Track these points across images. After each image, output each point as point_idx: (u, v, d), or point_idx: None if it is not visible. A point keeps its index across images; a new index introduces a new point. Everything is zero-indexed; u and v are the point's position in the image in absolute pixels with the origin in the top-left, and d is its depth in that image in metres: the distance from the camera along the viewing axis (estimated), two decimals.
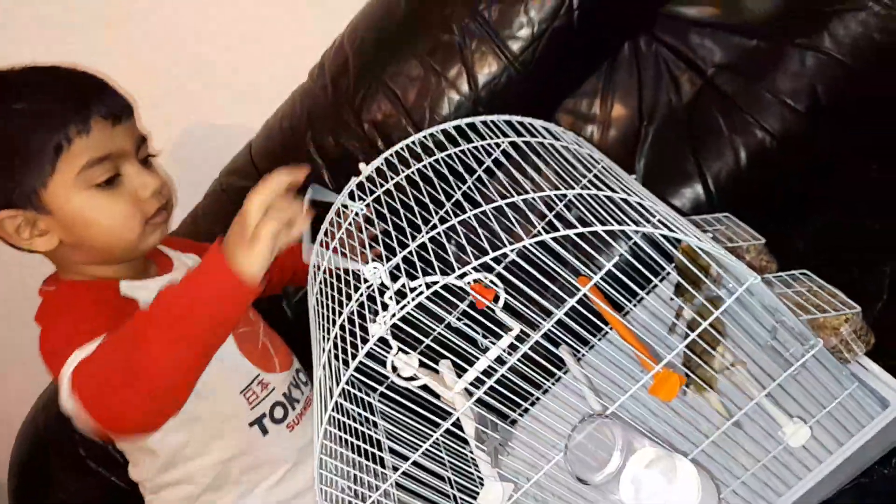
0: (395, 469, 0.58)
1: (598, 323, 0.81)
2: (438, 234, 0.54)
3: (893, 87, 0.87)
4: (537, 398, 0.84)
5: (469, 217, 0.54)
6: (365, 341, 0.50)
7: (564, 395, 0.76)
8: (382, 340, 0.53)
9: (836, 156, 0.90)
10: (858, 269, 0.81)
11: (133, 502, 0.86)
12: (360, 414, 0.63)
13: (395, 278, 0.59)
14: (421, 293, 0.50)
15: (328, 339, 0.54)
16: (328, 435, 0.55)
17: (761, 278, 0.52)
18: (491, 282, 0.71)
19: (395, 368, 0.63)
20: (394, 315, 0.49)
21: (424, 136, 0.74)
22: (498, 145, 0.71)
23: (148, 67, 1.12)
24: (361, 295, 0.55)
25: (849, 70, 0.87)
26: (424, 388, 0.65)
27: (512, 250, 0.49)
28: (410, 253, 0.54)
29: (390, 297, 0.52)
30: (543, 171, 0.67)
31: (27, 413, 1.11)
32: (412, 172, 0.69)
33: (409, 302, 0.50)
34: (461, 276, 0.49)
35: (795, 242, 0.90)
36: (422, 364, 0.63)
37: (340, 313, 0.55)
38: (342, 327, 0.55)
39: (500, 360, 0.66)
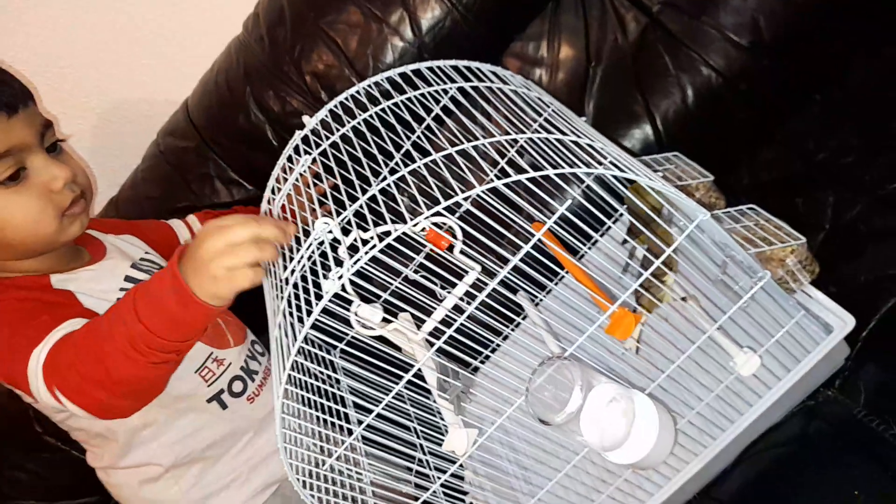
0: (360, 423, 0.58)
1: (555, 267, 0.81)
2: (389, 185, 0.53)
3: (833, 18, 0.88)
4: (498, 345, 0.84)
5: (420, 167, 0.53)
6: (319, 298, 0.49)
7: (524, 340, 0.76)
8: (340, 297, 0.52)
9: (779, 89, 0.91)
10: (803, 200, 0.83)
11: (94, 476, 0.84)
12: (321, 372, 0.63)
13: (347, 233, 0.58)
14: (374, 246, 0.49)
15: (282, 298, 0.53)
16: (289, 394, 0.54)
17: (711, 215, 0.53)
18: (447, 228, 0.70)
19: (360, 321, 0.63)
20: (348, 269, 0.48)
21: (369, 85, 0.71)
22: (446, 91, 0.69)
23: (71, 29, 1.05)
24: (312, 252, 0.54)
25: (789, 1, 0.87)
26: (385, 341, 0.65)
27: (465, 198, 0.48)
28: (361, 206, 0.53)
29: (344, 253, 0.51)
30: (493, 116, 0.66)
31: None
32: (359, 123, 0.67)
33: (361, 256, 0.48)
34: (414, 226, 0.48)
35: (743, 177, 0.91)
36: (382, 318, 0.63)
37: (293, 271, 0.53)
38: (296, 286, 0.54)
39: (458, 310, 0.66)
